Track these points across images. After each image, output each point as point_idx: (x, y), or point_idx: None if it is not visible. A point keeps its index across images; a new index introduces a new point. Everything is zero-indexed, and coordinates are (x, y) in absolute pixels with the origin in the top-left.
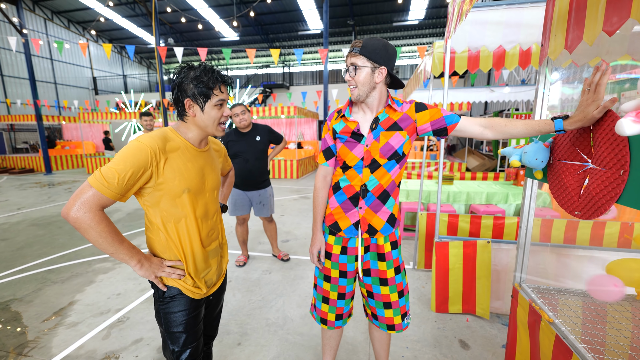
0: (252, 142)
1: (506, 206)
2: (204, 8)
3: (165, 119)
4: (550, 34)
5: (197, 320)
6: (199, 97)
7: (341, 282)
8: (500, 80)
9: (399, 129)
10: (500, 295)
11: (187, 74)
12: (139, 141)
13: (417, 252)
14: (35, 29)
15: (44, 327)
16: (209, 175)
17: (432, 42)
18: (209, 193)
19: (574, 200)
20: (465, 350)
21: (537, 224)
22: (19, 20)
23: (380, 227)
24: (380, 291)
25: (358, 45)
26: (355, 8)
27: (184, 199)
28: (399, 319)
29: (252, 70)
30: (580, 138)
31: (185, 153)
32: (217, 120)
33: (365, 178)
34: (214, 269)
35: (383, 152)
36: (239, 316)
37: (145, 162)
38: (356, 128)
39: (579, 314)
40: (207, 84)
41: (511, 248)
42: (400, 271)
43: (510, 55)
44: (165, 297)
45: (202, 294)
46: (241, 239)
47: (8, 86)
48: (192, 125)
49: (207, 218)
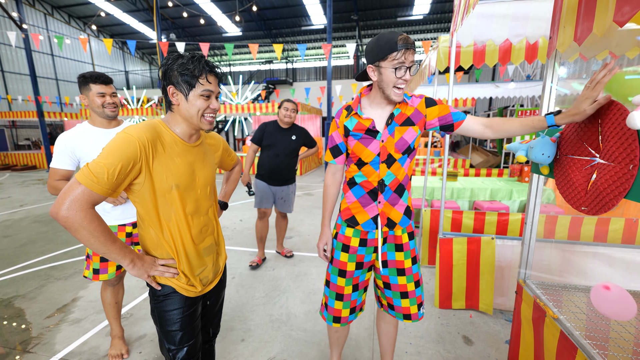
0: (288, 139)
1: (510, 202)
2: (205, 2)
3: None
4: (559, 26)
5: (193, 318)
6: (182, 85)
7: (356, 273)
8: (505, 75)
9: (411, 124)
10: (504, 292)
11: (174, 62)
12: (126, 133)
13: (421, 249)
14: (35, 24)
15: (48, 323)
16: (200, 171)
17: (437, 37)
18: (201, 189)
19: (581, 196)
20: (468, 346)
21: (541, 221)
22: (18, 15)
23: (399, 220)
24: (397, 281)
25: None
26: (359, 3)
27: (173, 195)
28: (415, 308)
29: (255, 67)
30: (588, 132)
31: (174, 147)
32: (201, 111)
33: (383, 173)
34: (209, 267)
35: (398, 147)
36: (243, 312)
37: (134, 154)
38: (371, 125)
39: (584, 310)
40: (193, 72)
41: (515, 244)
42: (417, 261)
43: (516, 49)
44: (159, 295)
45: (197, 292)
46: (259, 235)
47: (9, 82)
48: (178, 117)
49: (199, 215)
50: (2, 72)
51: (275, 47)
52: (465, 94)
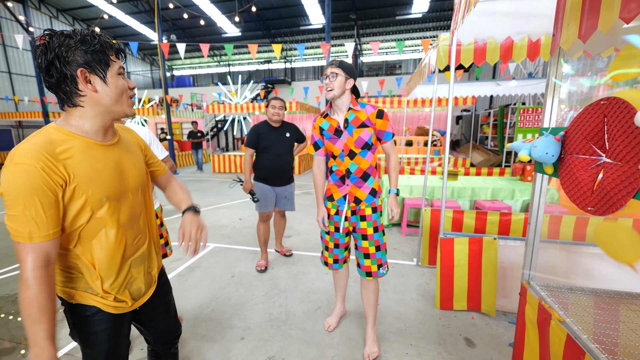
0: (283, 137)
1: (512, 202)
2: (205, 4)
3: (169, 115)
4: (563, 23)
5: (122, 336)
6: (96, 65)
7: (336, 235)
8: (506, 73)
9: (366, 126)
10: (507, 293)
11: (63, 42)
12: (17, 163)
13: (421, 249)
14: (41, 27)
15: None
16: (129, 171)
17: (436, 35)
18: (133, 194)
19: (587, 196)
20: (470, 348)
21: (545, 221)
22: (25, 19)
23: (364, 198)
24: (362, 244)
25: (337, 61)
26: (357, 2)
27: (104, 210)
28: (375, 267)
29: (254, 66)
30: (594, 131)
31: (88, 152)
32: (125, 92)
33: (347, 164)
34: (140, 278)
35: (357, 144)
36: (242, 311)
37: (43, 182)
38: (338, 126)
39: (591, 313)
40: (102, 48)
41: (518, 245)
42: (379, 231)
43: (518, 46)
44: (83, 316)
45: (128, 307)
46: (263, 238)
47: (16, 83)
48: (90, 109)
49: (132, 224)
50: (10, 73)
51: (274, 47)
52: (465, 92)
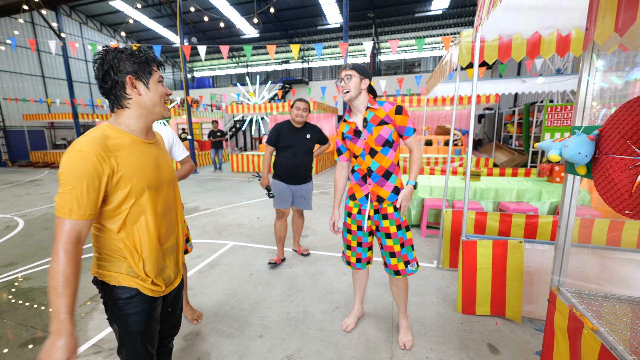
0: (303, 138)
1: (539, 204)
2: (225, 6)
3: (189, 115)
4: (597, 16)
5: (155, 319)
6: (141, 73)
7: (359, 234)
8: (532, 70)
9: (385, 123)
10: (534, 299)
11: (116, 56)
12: (76, 150)
13: (442, 251)
14: (71, 32)
15: (81, 311)
16: (164, 167)
17: (457, 32)
18: (167, 187)
19: (625, 199)
20: (494, 355)
21: (575, 224)
22: (57, 25)
23: (387, 196)
24: (386, 243)
25: (350, 64)
26: (375, 0)
27: (145, 197)
28: (402, 265)
29: (271, 67)
30: (633, 129)
31: (135, 148)
32: (163, 97)
33: (368, 162)
34: (170, 266)
35: (377, 141)
36: (260, 309)
37: (94, 168)
38: (355, 127)
39: (628, 322)
40: (146, 60)
41: (546, 249)
42: (401, 228)
43: (546, 42)
44: (123, 297)
45: (161, 292)
46: (279, 235)
47: (49, 87)
48: (135, 111)
49: (166, 213)
50: (43, 77)
51: (292, 48)
52: (488, 90)
